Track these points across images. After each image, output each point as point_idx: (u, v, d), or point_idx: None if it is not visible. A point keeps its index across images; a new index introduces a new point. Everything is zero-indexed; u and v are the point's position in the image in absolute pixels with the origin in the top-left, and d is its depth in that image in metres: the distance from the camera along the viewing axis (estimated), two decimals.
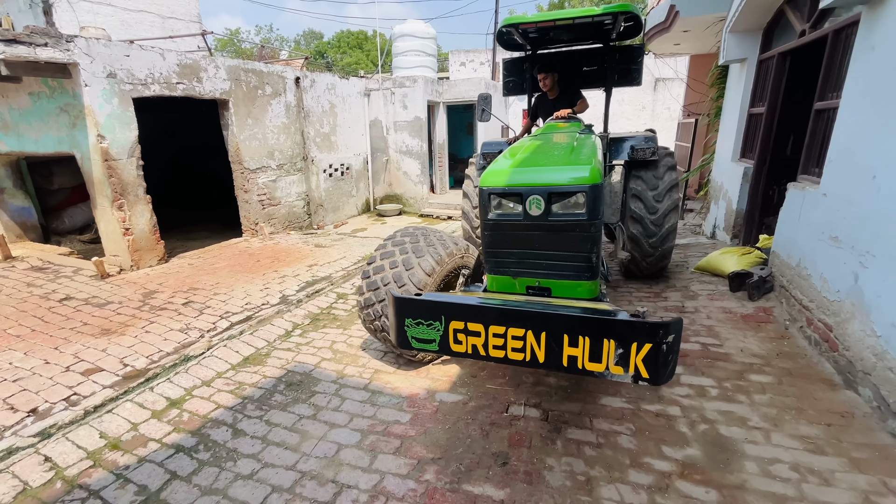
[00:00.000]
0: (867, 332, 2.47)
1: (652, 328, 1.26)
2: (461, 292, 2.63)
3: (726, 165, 5.78)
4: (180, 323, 3.86)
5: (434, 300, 1.62)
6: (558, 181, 2.06)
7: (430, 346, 1.63)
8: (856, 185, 2.73)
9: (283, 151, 7.16)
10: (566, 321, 1.38)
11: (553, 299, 2.09)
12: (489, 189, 2.18)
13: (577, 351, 1.36)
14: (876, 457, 2.10)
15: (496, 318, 1.48)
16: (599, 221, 2.07)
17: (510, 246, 2.25)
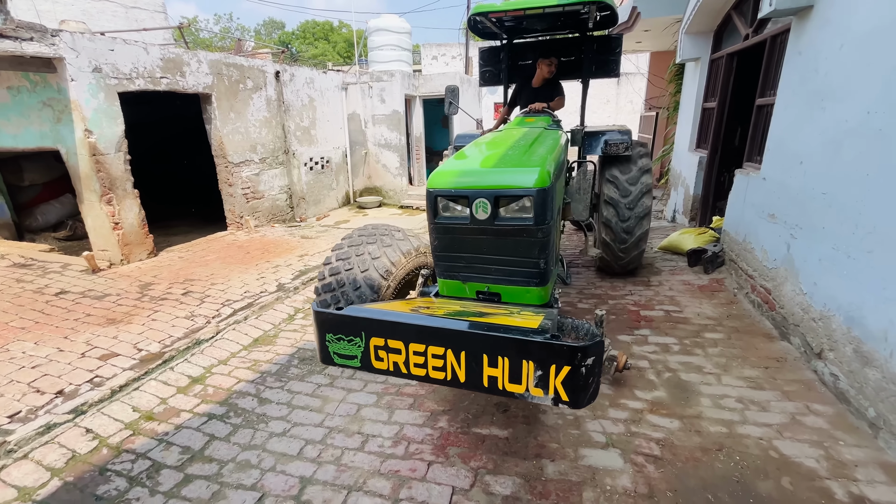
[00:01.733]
0: (797, 291, 2.98)
1: (569, 351, 1.20)
2: (419, 295, 2.54)
3: (684, 155, 6.36)
4: (184, 311, 4.01)
5: (354, 315, 1.52)
6: (504, 184, 1.98)
7: (353, 362, 1.54)
8: (788, 170, 3.24)
9: (265, 145, 7.24)
10: (485, 341, 1.30)
11: (493, 310, 1.96)
12: (435, 191, 2.09)
13: (496, 371, 1.28)
14: (802, 388, 2.60)
15: (416, 336, 1.40)
16: (548, 226, 2.01)
17: (458, 250, 2.17)
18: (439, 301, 2.24)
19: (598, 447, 2.21)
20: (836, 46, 2.73)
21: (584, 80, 4.16)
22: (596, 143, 3.99)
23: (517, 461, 2.15)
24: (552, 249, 2.14)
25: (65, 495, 2.05)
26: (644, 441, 2.24)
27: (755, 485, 1.95)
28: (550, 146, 2.54)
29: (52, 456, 2.29)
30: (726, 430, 2.29)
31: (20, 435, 2.41)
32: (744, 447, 2.17)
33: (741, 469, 2.04)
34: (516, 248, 2.06)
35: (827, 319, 2.62)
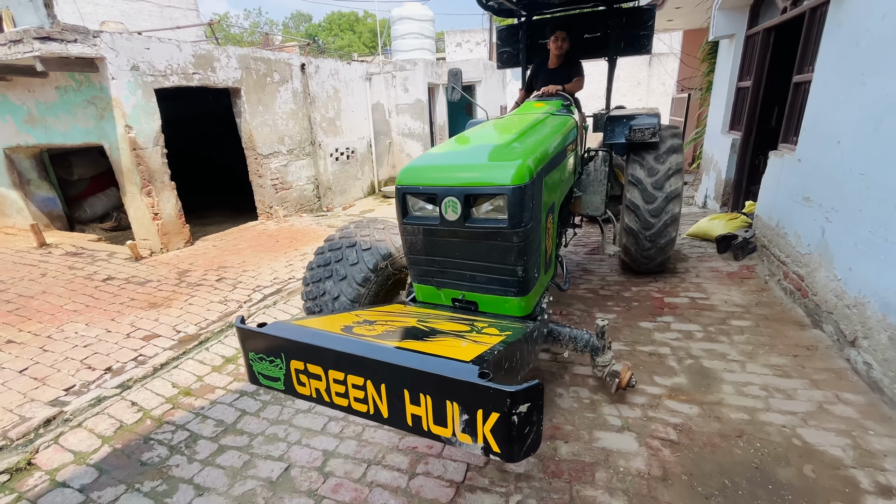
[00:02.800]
0: (831, 277, 2.86)
1: (496, 395, 1.00)
2: (406, 297, 2.36)
3: (716, 138, 6.11)
4: (218, 296, 4.24)
5: (273, 334, 1.37)
6: (475, 181, 1.77)
7: (276, 384, 1.40)
8: (824, 150, 3.08)
9: (292, 137, 7.43)
10: (404, 374, 1.14)
11: (451, 326, 1.72)
12: (404, 188, 1.91)
13: (420, 410, 1.12)
14: (832, 377, 2.51)
15: (334, 363, 1.25)
16: (527, 230, 1.78)
17: (430, 253, 1.98)
18: (406, 310, 2.02)
19: (613, 430, 2.23)
20: (879, 17, 2.56)
21: (610, 58, 3.82)
22: (620, 128, 3.62)
23: None
24: (534, 256, 1.91)
25: (114, 460, 2.25)
26: (661, 426, 2.23)
27: (775, 471, 1.92)
28: (546, 136, 2.27)
29: (102, 425, 2.51)
30: (748, 417, 2.25)
31: (75, 406, 2.65)
32: (765, 434, 2.13)
33: (761, 455, 2.01)
34: (490, 253, 1.85)
35: (862, 306, 2.51)
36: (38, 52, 4.13)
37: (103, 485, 2.10)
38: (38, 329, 3.66)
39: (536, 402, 1.03)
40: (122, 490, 2.06)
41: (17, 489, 2.10)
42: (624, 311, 3.49)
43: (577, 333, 2.33)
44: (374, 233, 2.60)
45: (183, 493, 2.03)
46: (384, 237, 2.58)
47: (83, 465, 2.23)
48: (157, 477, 2.13)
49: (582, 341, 2.32)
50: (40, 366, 3.12)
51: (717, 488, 1.85)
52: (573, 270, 4.43)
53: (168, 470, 2.17)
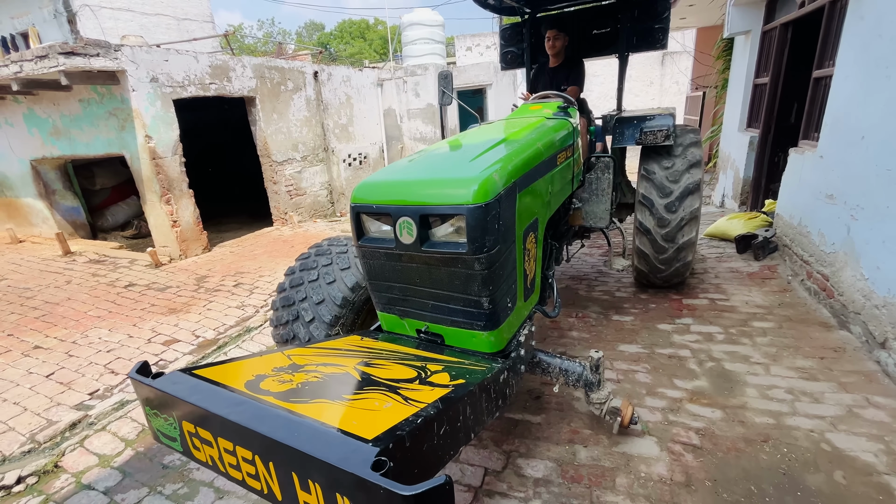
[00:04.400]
0: (857, 276, 2.77)
1: (388, 498, 0.81)
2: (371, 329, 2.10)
3: (733, 135, 6.00)
4: (236, 301, 4.30)
5: (162, 390, 1.18)
6: (431, 199, 1.54)
7: (175, 444, 1.22)
8: (848, 146, 3.00)
9: (305, 144, 7.53)
10: (290, 455, 0.95)
11: (398, 372, 1.48)
12: (357, 206, 1.70)
13: (311, 499, 0.95)
14: (862, 380, 2.43)
15: (220, 430, 1.08)
16: (492, 255, 1.54)
17: (389, 279, 1.77)
18: (356, 346, 1.79)
19: (633, 435, 2.18)
20: None
21: (621, 55, 3.59)
22: (630, 131, 3.33)
23: (549, 446, 2.17)
24: (504, 284, 1.68)
25: (137, 463, 2.30)
26: (682, 430, 2.18)
27: (804, 477, 1.86)
28: (527, 143, 2.00)
29: (125, 429, 2.56)
30: (773, 421, 2.19)
31: (99, 410, 2.71)
32: (792, 439, 2.06)
33: (789, 461, 1.95)
34: (452, 281, 1.61)
35: (891, 306, 2.43)
36: (63, 66, 4.27)
37: (127, 487, 2.14)
38: (64, 335, 3.76)
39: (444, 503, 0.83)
40: (145, 493, 2.10)
41: (44, 491, 2.16)
42: (641, 312, 3.43)
43: (568, 365, 2.10)
44: (353, 249, 2.37)
45: (203, 496, 2.06)
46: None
47: (107, 468, 2.28)
48: (179, 480, 2.16)
49: (574, 375, 2.07)
50: (66, 370, 3.20)
51: (742, 495, 1.80)
52: (588, 273, 4.38)
53: (189, 473, 2.20)
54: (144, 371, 1.25)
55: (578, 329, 3.27)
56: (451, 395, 1.25)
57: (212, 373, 1.32)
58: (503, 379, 1.59)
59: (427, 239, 1.59)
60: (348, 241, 2.44)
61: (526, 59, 3.95)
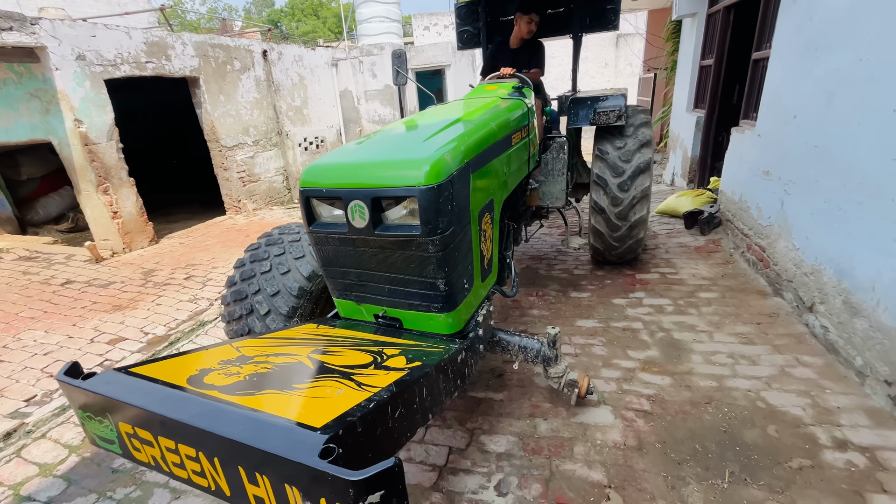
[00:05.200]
0: (790, 247, 2.99)
1: (337, 484, 0.80)
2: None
3: (682, 116, 6.24)
4: (187, 295, 4.10)
5: (93, 391, 1.12)
6: (382, 181, 1.51)
7: (113, 447, 1.17)
8: (782, 125, 3.19)
9: (257, 127, 7.18)
10: (234, 449, 0.93)
11: (352, 358, 1.46)
12: (307, 190, 1.64)
13: (260, 492, 0.94)
14: (793, 342, 2.64)
15: (161, 428, 1.04)
16: (446, 237, 1.53)
17: (343, 265, 1.75)
18: (310, 334, 1.74)
19: (590, 405, 2.28)
20: None
21: (574, 35, 3.62)
22: (585, 111, 3.35)
23: (511, 421, 2.23)
24: (460, 265, 1.69)
25: (83, 469, 2.17)
26: (635, 398, 2.31)
27: (741, 433, 2.01)
28: (480, 123, 1.98)
29: (68, 435, 2.41)
30: (716, 384, 2.35)
31: (37, 416, 2.53)
32: (732, 399, 2.22)
33: (729, 420, 2.10)
34: (407, 265, 1.61)
35: (818, 273, 2.64)
36: None
37: (72, 495, 2.02)
38: None
39: (394, 486, 0.83)
40: (94, 499, 1.99)
41: None
42: (597, 288, 3.56)
43: (526, 343, 2.16)
44: (306, 237, 2.27)
45: (158, 497, 1.97)
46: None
47: (49, 477, 2.14)
48: (130, 483, 2.06)
49: (532, 351, 2.14)
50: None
51: (688, 453, 1.93)
52: (547, 252, 4.48)
53: (141, 475, 2.10)
54: (74, 372, 1.17)
55: (539, 307, 3.35)
56: (405, 377, 1.24)
57: (151, 370, 1.25)
58: (461, 359, 1.61)
59: (380, 222, 1.56)
60: (300, 229, 2.36)
61: (482, 38, 3.89)
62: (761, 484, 1.75)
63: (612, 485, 1.82)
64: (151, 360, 1.34)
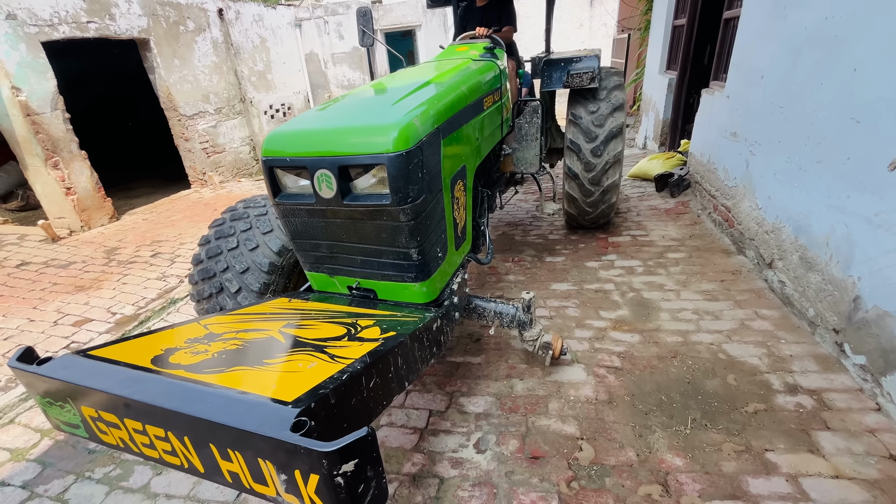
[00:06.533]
0: (753, 206, 3.09)
1: (309, 455, 0.81)
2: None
3: (654, 78, 6.24)
4: (155, 272, 3.96)
5: (50, 376, 1.08)
6: (349, 148, 1.45)
7: (79, 431, 1.15)
8: (750, 86, 3.22)
9: (218, 94, 6.78)
10: (204, 427, 0.93)
11: (321, 332, 1.43)
12: (270, 160, 1.57)
13: (234, 467, 0.94)
14: (753, 297, 2.79)
15: (126, 411, 1.03)
16: (417, 205, 1.49)
17: (313, 237, 1.70)
18: (282, 308, 1.70)
19: (563, 365, 2.37)
20: None
21: None
22: (558, 74, 3.29)
23: (489, 383, 2.30)
24: (433, 234, 1.66)
25: (58, 452, 2.13)
26: (606, 355, 2.41)
27: (703, 383, 2.14)
28: (451, 87, 1.91)
29: (39, 419, 2.35)
30: (681, 339, 2.47)
31: (4, 402, 2.45)
32: (696, 352, 2.35)
33: (692, 371, 2.23)
34: (378, 235, 1.57)
35: (778, 231, 2.76)
36: None
37: (49, 478, 1.99)
38: None
39: (368, 455, 0.84)
40: (72, 480, 1.97)
41: None
42: (571, 252, 3.63)
43: (502, 308, 2.19)
44: (273, 209, 2.16)
45: (140, 474, 1.97)
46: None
47: (23, 462, 2.09)
48: (109, 462, 2.04)
49: (508, 316, 2.18)
50: None
51: (655, 404, 2.05)
52: (523, 219, 4.51)
53: (120, 454, 2.08)
54: (28, 358, 1.11)
55: (515, 273, 3.41)
56: (379, 348, 1.24)
57: (112, 352, 1.21)
58: (436, 327, 1.62)
59: (349, 192, 1.51)
60: (266, 202, 2.28)
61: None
62: (720, 428, 1.89)
63: (584, 437, 1.92)
64: (113, 342, 1.29)
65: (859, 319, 2.03)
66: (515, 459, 1.84)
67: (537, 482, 1.74)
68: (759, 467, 1.70)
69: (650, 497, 1.63)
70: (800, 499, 1.56)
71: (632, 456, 1.81)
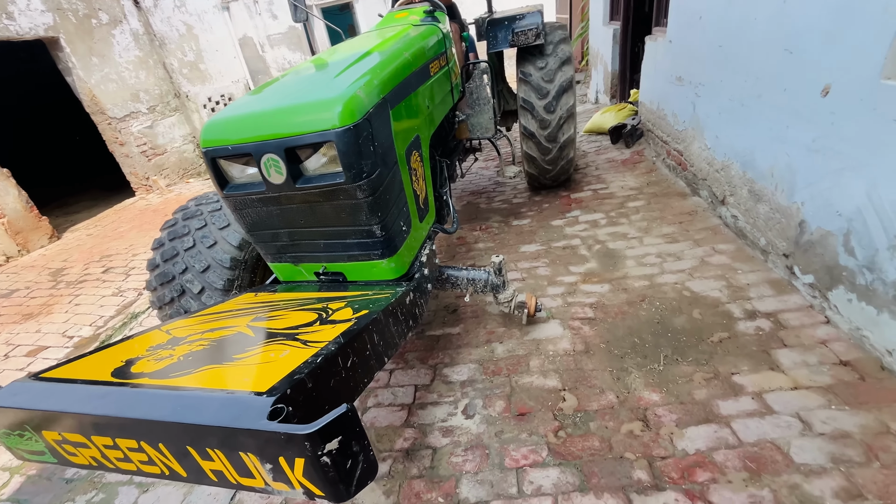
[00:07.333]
0: (702, 147, 3.19)
1: (291, 440, 0.80)
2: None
3: (599, 30, 6.23)
4: (110, 289, 3.75)
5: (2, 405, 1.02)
6: (293, 128, 1.37)
7: (47, 457, 1.09)
8: (689, 29, 3.27)
9: (149, 91, 6.30)
10: (176, 431, 0.90)
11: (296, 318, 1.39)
12: (210, 150, 1.48)
13: (216, 465, 0.92)
14: (710, 234, 2.91)
15: (92, 428, 0.98)
16: (373, 180, 1.44)
17: (271, 227, 1.63)
18: (248, 303, 1.64)
19: (540, 322, 2.43)
20: None
21: None
22: (503, 33, 3.22)
23: (470, 350, 2.33)
24: (394, 208, 1.62)
25: (32, 487, 2.03)
26: (579, 308, 2.48)
27: (672, 321, 2.25)
28: (393, 54, 1.82)
29: (5, 457, 2.22)
30: (648, 282, 2.57)
31: None
32: (662, 293, 2.45)
33: (661, 312, 2.33)
34: (338, 216, 1.52)
35: (727, 168, 2.86)
36: None
37: None
38: None
39: (351, 430, 0.84)
40: None
41: None
42: (536, 213, 3.67)
43: (474, 274, 2.20)
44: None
45: (125, 495, 1.91)
46: None
47: None
48: (91, 488, 1.97)
49: (481, 282, 2.19)
50: None
51: (629, 347, 2.14)
52: (486, 186, 4.50)
53: (102, 476, 2.01)
54: None
55: (484, 240, 3.42)
56: (353, 327, 1.23)
57: (67, 371, 1.14)
58: (410, 301, 1.61)
59: (300, 174, 1.45)
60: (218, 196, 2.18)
61: None
62: (690, 360, 2.00)
63: (566, 387, 1.99)
64: (66, 362, 1.22)
65: (805, 242, 2.16)
66: (503, 419, 1.90)
67: (526, 437, 1.80)
68: (728, 390, 1.81)
69: (632, 433, 1.72)
70: (765, 413, 1.69)
71: (612, 398, 1.89)
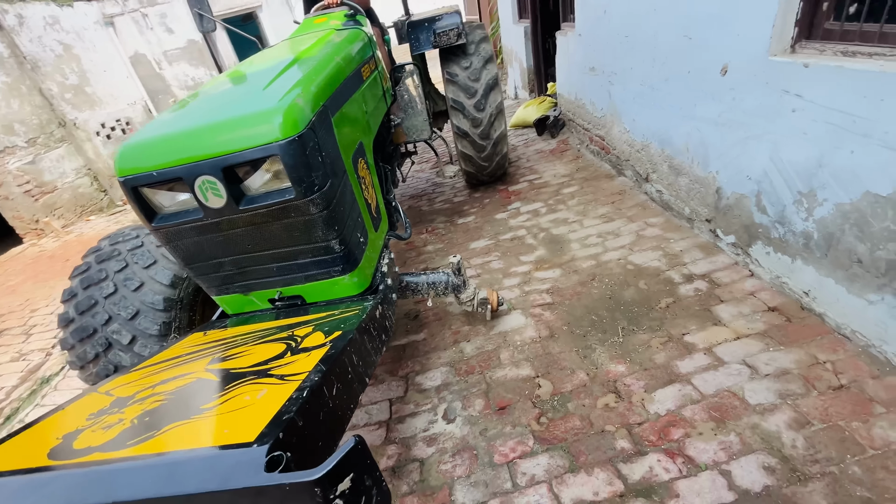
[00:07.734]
0: (622, 131, 3.44)
1: (298, 490, 0.73)
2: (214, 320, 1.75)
3: (510, 28, 6.50)
4: (8, 354, 3.20)
5: None
6: (231, 145, 1.25)
7: None
8: (597, 22, 3.50)
9: (25, 121, 5.49)
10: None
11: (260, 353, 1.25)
12: (129, 179, 1.31)
13: None
14: (640, 210, 3.14)
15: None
16: (326, 192, 1.34)
17: (213, 257, 1.47)
18: (199, 343, 1.46)
19: (503, 315, 2.46)
20: None
21: None
22: (425, 35, 3.27)
23: (439, 354, 2.30)
24: (350, 219, 1.53)
25: None
26: (537, 295, 2.55)
27: (622, 295, 2.39)
28: (325, 59, 1.74)
29: None
30: (595, 262, 2.71)
31: None
32: (609, 270, 2.60)
33: (611, 287, 2.46)
34: (291, 235, 1.39)
35: (647, 148, 3.11)
36: None
37: None
38: None
39: (362, 464, 0.78)
40: None
41: None
42: (479, 209, 3.73)
43: (434, 278, 2.17)
44: (150, 237, 1.89)
45: None
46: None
47: None
48: None
49: (441, 284, 2.17)
50: None
51: (589, 325, 2.24)
52: (425, 188, 4.50)
53: None
54: None
55: (432, 242, 3.41)
56: (331, 352, 1.14)
57: None
58: (380, 314, 1.54)
59: (242, 195, 1.32)
60: (138, 231, 1.95)
61: None
62: (644, 328, 2.13)
63: (539, 374, 2.03)
64: None
65: (723, 206, 2.40)
66: (485, 416, 1.89)
67: (511, 430, 1.80)
68: (683, 350, 1.96)
69: (608, 406, 1.80)
70: (718, 365, 1.85)
71: (583, 377, 1.96)
